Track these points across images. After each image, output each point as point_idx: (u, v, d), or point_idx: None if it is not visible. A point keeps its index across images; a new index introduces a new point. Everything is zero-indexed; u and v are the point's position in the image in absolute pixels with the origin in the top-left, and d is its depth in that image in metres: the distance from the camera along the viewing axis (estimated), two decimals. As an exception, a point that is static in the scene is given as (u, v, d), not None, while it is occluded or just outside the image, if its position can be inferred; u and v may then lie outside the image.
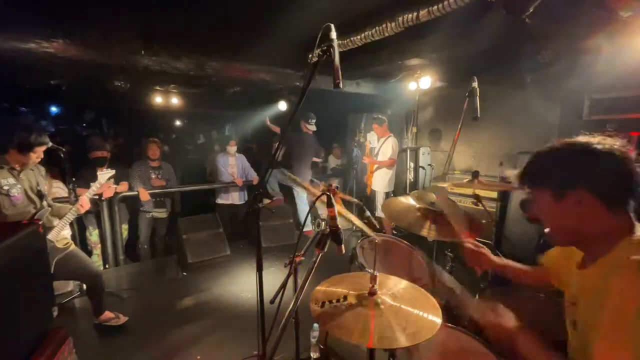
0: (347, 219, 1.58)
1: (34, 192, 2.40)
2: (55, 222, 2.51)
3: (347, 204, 4.81)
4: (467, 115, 2.27)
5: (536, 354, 0.98)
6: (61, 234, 2.52)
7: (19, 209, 2.29)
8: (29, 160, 2.29)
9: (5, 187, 2.22)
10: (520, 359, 1.00)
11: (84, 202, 2.58)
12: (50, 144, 2.43)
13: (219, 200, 4.94)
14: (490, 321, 1.15)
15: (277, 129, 5.30)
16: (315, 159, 5.29)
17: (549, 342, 0.98)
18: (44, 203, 2.48)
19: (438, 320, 1.21)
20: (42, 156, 2.36)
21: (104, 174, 2.81)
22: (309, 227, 4.67)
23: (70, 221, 2.54)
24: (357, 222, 1.63)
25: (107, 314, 2.82)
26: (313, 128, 4.99)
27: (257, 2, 2.99)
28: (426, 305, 1.30)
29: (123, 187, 3.94)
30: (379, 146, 4.96)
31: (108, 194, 3.74)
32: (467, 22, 2.77)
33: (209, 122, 9.57)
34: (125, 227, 4.24)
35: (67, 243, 2.58)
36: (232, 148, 4.88)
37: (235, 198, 4.94)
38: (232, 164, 4.89)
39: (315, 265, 1.05)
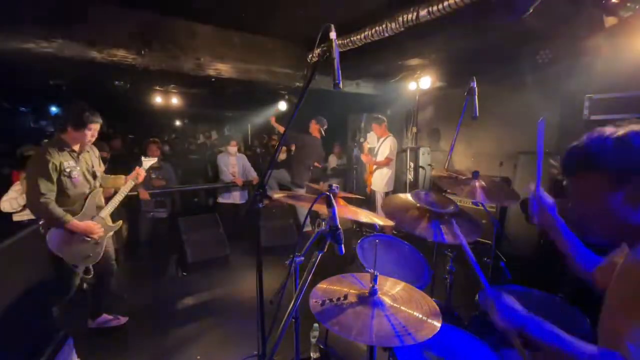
0: (356, 214, 1.57)
1: (89, 173, 2.54)
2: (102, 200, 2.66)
3: (350, 201, 4.81)
4: (467, 115, 2.27)
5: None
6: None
7: (78, 190, 2.43)
8: (84, 138, 2.41)
9: (68, 169, 2.36)
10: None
11: (141, 172, 2.84)
12: (101, 122, 2.51)
13: (221, 200, 4.96)
14: None
15: (281, 129, 5.25)
16: (316, 164, 5.26)
17: None
18: (97, 183, 2.61)
19: (437, 321, 1.21)
20: (96, 135, 2.49)
21: (148, 161, 3.00)
22: (308, 227, 4.67)
23: (124, 195, 2.70)
24: (367, 216, 1.62)
25: (105, 316, 2.80)
26: (322, 134, 4.95)
27: (257, 2, 2.99)
28: (425, 306, 1.30)
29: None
30: (378, 146, 4.95)
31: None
32: (467, 22, 2.77)
33: (209, 122, 9.57)
34: (125, 227, 4.24)
35: (119, 222, 2.75)
36: (233, 148, 4.89)
37: (236, 197, 4.96)
38: (233, 164, 4.91)
39: (315, 265, 1.05)
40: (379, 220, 1.64)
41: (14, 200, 3.03)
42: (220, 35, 3.74)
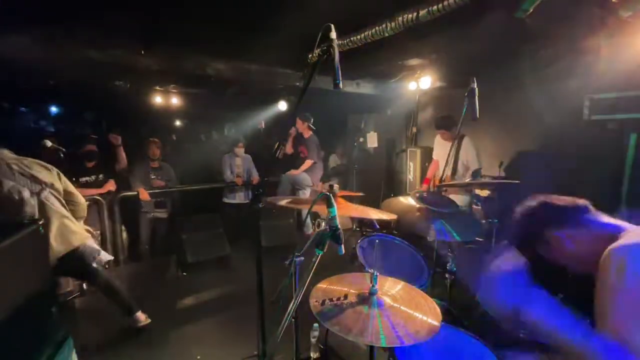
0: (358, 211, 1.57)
1: None
2: None
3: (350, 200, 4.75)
4: (467, 115, 2.28)
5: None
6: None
7: None
8: None
9: None
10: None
11: None
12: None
13: (226, 200, 4.96)
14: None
15: (292, 131, 4.88)
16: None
17: None
18: None
19: (437, 321, 1.21)
20: None
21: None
22: (310, 230, 4.62)
23: None
24: (369, 212, 1.62)
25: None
26: (313, 128, 4.89)
27: (257, 2, 2.99)
28: (425, 307, 1.30)
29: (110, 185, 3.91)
30: (453, 153, 3.69)
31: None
32: (467, 22, 2.77)
33: (209, 122, 9.56)
34: (123, 227, 4.24)
35: None
36: (240, 150, 4.92)
37: (241, 197, 4.97)
38: (239, 164, 4.94)
39: (315, 265, 1.05)
40: (381, 214, 1.64)
41: None
42: (221, 35, 3.74)
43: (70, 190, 2.58)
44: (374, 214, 1.58)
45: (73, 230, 2.43)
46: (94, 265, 2.50)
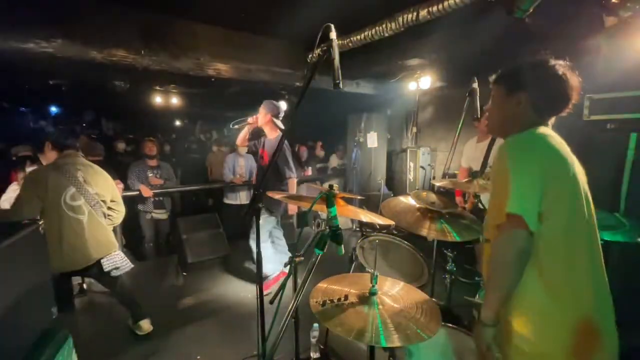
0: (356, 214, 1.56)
1: None
2: None
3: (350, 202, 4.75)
4: (467, 115, 2.28)
5: None
6: None
7: None
8: None
9: None
10: None
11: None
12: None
13: (227, 201, 4.95)
14: None
15: (253, 120, 3.68)
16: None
17: None
18: None
19: (437, 322, 1.21)
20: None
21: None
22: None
23: None
24: (366, 216, 1.61)
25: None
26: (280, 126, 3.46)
27: (258, 2, 2.99)
28: (425, 307, 1.30)
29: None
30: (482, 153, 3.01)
31: None
32: (467, 22, 2.77)
33: (209, 122, 9.58)
34: (119, 229, 4.22)
35: None
36: (244, 149, 4.92)
37: (243, 198, 4.95)
38: (242, 165, 4.93)
39: (315, 265, 1.05)
40: (379, 219, 1.64)
41: (13, 199, 3.03)
42: (220, 35, 3.74)
43: (119, 201, 2.69)
44: (369, 218, 1.58)
45: (106, 240, 2.51)
46: (113, 273, 2.55)
